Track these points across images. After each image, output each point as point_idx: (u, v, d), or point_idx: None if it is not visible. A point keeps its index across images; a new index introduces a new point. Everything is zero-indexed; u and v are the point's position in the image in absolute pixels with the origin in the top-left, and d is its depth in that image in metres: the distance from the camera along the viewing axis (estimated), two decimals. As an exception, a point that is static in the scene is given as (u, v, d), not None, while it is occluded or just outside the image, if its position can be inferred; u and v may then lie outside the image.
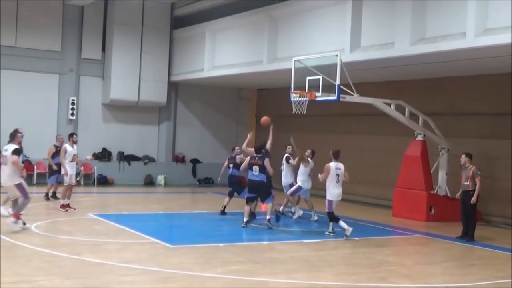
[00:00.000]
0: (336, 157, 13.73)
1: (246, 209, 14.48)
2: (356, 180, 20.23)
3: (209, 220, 15.87)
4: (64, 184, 15.98)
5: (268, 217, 14.38)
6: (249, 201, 14.50)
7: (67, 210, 15.71)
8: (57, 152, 17.07)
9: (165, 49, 25.11)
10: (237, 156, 16.54)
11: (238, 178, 16.46)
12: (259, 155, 14.43)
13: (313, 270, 10.30)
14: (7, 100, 22.63)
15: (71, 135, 16.57)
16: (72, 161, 16.10)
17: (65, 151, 15.98)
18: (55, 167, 16.89)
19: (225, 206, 16.23)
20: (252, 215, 14.78)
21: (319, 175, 13.72)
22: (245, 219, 14.41)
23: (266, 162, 14.25)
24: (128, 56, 24.27)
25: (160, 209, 17.69)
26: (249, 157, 14.62)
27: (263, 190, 14.46)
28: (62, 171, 16.03)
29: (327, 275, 9.92)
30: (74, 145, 16.30)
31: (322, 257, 11.50)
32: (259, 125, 27.42)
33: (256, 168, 14.28)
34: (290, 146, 16.32)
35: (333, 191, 13.55)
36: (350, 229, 13.29)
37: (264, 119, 15.39)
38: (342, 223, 13.38)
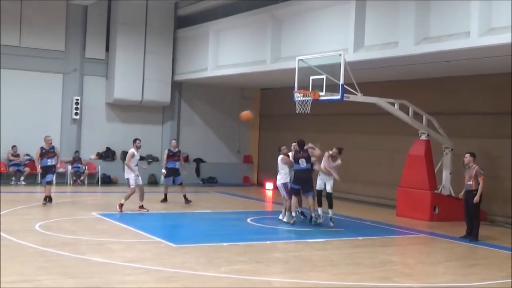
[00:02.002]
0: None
1: (294, 202, 14.75)
2: (360, 180, 20.27)
3: (212, 220, 15.88)
4: (131, 187, 16.02)
5: (313, 214, 14.84)
6: (295, 194, 14.84)
7: (147, 211, 16.24)
8: (42, 154, 16.62)
9: (169, 48, 25.13)
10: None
11: (309, 174, 15.03)
12: (304, 149, 14.88)
13: (316, 269, 10.30)
14: (11, 99, 22.71)
15: (134, 140, 16.47)
16: (136, 165, 16.16)
17: (133, 155, 16.05)
18: (39, 170, 16.77)
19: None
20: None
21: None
22: (293, 214, 14.79)
23: (310, 153, 14.87)
24: (131, 55, 24.30)
25: (164, 209, 17.70)
26: (293, 153, 15.03)
27: (309, 180, 14.82)
28: (129, 175, 16.03)
29: (330, 274, 9.91)
30: (138, 150, 16.36)
31: (325, 256, 11.50)
32: (263, 124, 27.58)
33: (302, 160, 14.74)
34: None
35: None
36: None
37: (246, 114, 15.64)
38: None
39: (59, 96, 23.84)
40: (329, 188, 15.06)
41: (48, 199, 16.58)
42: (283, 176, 15.23)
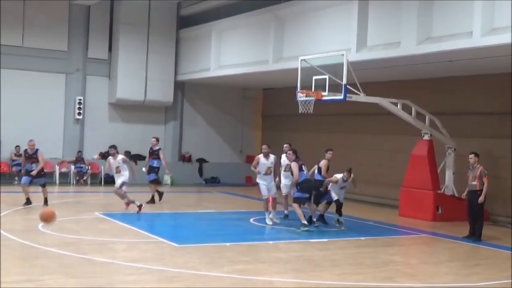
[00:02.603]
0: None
1: (300, 212, 13.88)
2: (363, 180, 20.21)
3: (215, 220, 15.88)
4: None
5: (314, 218, 14.55)
6: (303, 202, 14.08)
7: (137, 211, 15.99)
8: (26, 158, 16.22)
9: (171, 48, 25.15)
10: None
11: (321, 183, 14.73)
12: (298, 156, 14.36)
13: (318, 269, 10.30)
14: (14, 99, 22.74)
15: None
16: (117, 172, 16.04)
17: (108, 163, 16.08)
18: (23, 172, 16.56)
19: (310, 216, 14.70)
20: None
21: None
22: (304, 221, 13.85)
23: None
24: (134, 55, 24.33)
25: (167, 209, 17.72)
26: (294, 163, 14.15)
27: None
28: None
29: (332, 274, 9.92)
30: (113, 157, 16.08)
31: (327, 256, 11.50)
32: (266, 124, 27.60)
33: (305, 167, 14.25)
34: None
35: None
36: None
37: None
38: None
39: (62, 96, 23.87)
40: (342, 199, 14.78)
41: (27, 200, 16.25)
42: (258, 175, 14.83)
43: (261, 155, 14.78)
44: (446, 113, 18.47)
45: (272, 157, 14.78)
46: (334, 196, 14.65)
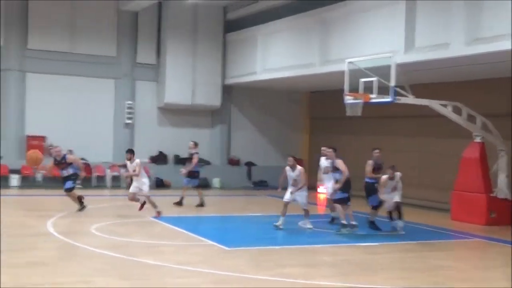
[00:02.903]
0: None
1: (341, 209, 13.96)
2: (413, 183, 19.95)
3: (264, 223, 15.88)
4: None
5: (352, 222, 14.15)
6: (345, 202, 14.01)
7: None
8: (56, 165, 16.03)
9: (218, 52, 25.32)
10: None
11: (369, 185, 14.85)
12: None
13: (366, 273, 10.22)
14: (65, 104, 23.28)
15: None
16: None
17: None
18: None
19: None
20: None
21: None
22: (343, 222, 13.89)
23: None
24: (182, 60, 24.59)
25: (216, 212, 17.83)
26: (339, 160, 14.13)
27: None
28: None
29: (381, 278, 9.82)
30: (129, 162, 15.77)
31: (376, 260, 11.40)
32: (313, 128, 27.51)
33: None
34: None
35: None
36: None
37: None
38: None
39: (112, 101, 24.29)
40: (397, 198, 14.47)
41: (81, 205, 16.04)
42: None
43: (287, 167, 14.55)
44: (498, 115, 18.05)
45: (298, 169, 14.41)
46: (390, 204, 14.47)
